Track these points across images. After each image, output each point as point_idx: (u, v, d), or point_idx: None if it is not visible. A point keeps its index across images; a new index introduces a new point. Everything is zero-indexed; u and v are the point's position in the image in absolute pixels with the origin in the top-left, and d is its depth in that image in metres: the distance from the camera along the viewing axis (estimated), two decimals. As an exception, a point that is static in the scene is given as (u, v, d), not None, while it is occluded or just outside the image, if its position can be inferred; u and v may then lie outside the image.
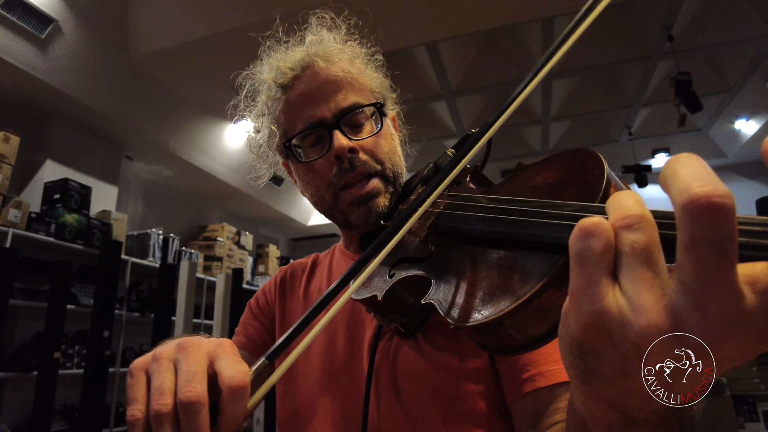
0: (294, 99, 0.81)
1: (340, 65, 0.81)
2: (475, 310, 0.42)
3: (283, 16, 0.89)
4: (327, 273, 0.95)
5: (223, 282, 3.96)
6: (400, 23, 3.88)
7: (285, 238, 8.90)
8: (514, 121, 6.29)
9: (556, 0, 3.71)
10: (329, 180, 0.80)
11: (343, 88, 0.80)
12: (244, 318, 1.01)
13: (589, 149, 0.46)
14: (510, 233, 0.44)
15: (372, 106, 0.83)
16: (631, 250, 0.29)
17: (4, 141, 3.55)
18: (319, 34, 0.85)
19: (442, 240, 0.56)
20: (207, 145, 5.55)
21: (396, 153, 0.86)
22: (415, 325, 0.71)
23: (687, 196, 0.26)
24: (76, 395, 3.77)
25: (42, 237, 3.69)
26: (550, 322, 0.39)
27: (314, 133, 0.80)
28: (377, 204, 0.80)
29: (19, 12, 3.44)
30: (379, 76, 0.88)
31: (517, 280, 0.40)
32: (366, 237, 0.82)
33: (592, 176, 0.42)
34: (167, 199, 6.21)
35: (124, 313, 4.37)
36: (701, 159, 0.29)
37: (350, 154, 0.78)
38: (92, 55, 4.04)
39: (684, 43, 4.71)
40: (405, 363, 0.74)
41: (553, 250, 0.39)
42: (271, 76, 0.83)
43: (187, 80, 4.70)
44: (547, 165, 0.52)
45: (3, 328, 3.04)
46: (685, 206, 0.26)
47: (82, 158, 4.54)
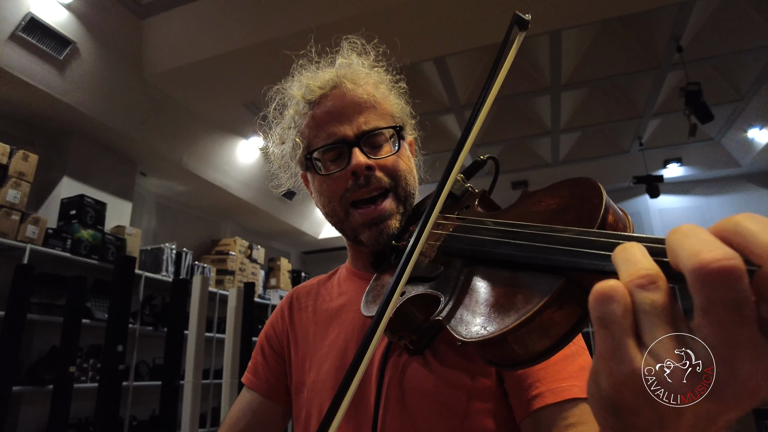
0: (320, 115, 0.85)
1: (366, 89, 0.85)
2: (480, 326, 0.45)
3: (316, 38, 0.94)
4: (336, 292, 0.97)
5: (234, 296, 3.98)
6: (410, 39, 3.93)
7: (296, 252, 8.93)
8: (524, 133, 6.29)
9: (563, 13, 3.75)
10: (342, 193, 0.83)
11: (367, 110, 0.84)
12: (257, 356, 1.02)
13: (590, 179, 0.49)
14: (515, 255, 0.46)
15: (391, 129, 0.86)
16: (652, 308, 0.29)
17: (23, 159, 3.64)
18: (349, 58, 0.90)
19: (451, 260, 0.58)
20: (219, 161, 5.63)
21: (411, 174, 0.88)
22: (424, 342, 0.72)
23: (697, 261, 0.27)
24: (90, 409, 3.80)
25: (58, 252, 3.76)
26: (551, 338, 0.41)
27: (335, 149, 0.84)
28: (389, 226, 0.82)
29: (39, 35, 3.56)
30: (401, 102, 0.92)
31: (521, 299, 0.43)
32: (379, 256, 0.84)
33: (591, 204, 0.46)
34: (180, 214, 6.29)
35: (138, 327, 4.41)
36: (703, 228, 0.29)
37: (367, 171, 0.81)
38: (108, 75, 4.15)
39: (693, 53, 4.71)
40: (413, 379, 0.75)
41: (554, 271, 0.41)
42: (300, 92, 0.87)
43: (200, 98, 4.79)
44: (550, 192, 0.55)
45: (20, 343, 3.09)
46: (696, 272, 0.27)
47: (98, 175, 4.63)
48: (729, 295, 0.26)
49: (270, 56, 4.05)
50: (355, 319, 0.88)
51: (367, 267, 0.91)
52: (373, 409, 0.76)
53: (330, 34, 0.95)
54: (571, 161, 7.08)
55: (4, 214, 3.45)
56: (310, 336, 0.94)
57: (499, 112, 5.93)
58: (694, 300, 0.27)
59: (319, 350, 0.91)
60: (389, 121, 0.87)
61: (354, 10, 3.62)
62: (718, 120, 5.86)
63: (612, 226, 0.45)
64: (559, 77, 5.06)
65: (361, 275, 0.95)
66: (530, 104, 5.79)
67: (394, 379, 0.77)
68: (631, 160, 6.97)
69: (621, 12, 3.83)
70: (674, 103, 5.42)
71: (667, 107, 5.72)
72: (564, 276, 0.40)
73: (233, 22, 3.97)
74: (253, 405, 0.97)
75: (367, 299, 0.74)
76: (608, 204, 0.45)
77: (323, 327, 0.93)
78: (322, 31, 4.26)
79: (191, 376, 3.26)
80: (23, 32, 3.46)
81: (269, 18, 3.85)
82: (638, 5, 3.71)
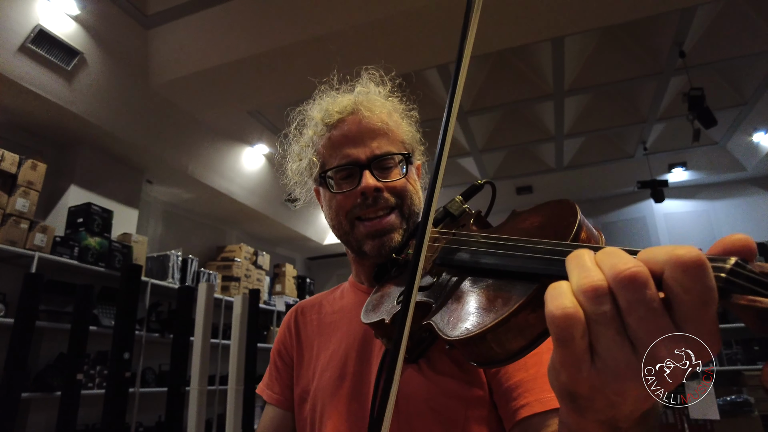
0: (336, 138, 0.92)
1: (381, 116, 0.92)
2: (464, 327, 0.49)
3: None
4: (339, 305, 1.02)
5: (240, 303, 4.01)
6: (412, 47, 3.97)
7: (301, 258, 8.96)
8: (528, 139, 6.30)
9: (565, 21, 3.77)
10: (350, 208, 0.89)
11: (380, 136, 0.91)
12: (272, 371, 1.08)
13: (569, 201, 0.55)
14: (497, 264, 0.52)
15: (401, 156, 0.92)
16: (603, 319, 0.35)
17: (32, 168, 3.69)
18: (367, 87, 0.98)
19: (444, 271, 0.64)
20: (225, 168, 5.68)
21: (417, 195, 0.94)
22: (419, 350, 0.77)
23: (616, 271, 0.34)
24: (97, 415, 3.83)
25: (66, 260, 3.81)
26: (526, 338, 0.46)
27: (348, 169, 0.90)
28: (392, 238, 0.88)
29: (47, 46, 3.62)
30: (412, 130, 0.99)
31: (500, 302, 0.48)
32: (381, 268, 0.88)
33: (567, 221, 0.51)
34: (186, 221, 6.34)
35: (144, 334, 4.45)
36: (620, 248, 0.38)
37: (375, 193, 0.87)
38: (115, 85, 4.21)
39: (696, 58, 4.71)
40: (409, 386, 0.80)
41: (530, 278, 0.46)
42: (320, 115, 0.94)
43: (205, 106, 4.85)
44: (535, 212, 0.61)
45: (29, 350, 3.12)
46: (615, 279, 0.34)
47: (105, 183, 4.68)
48: (642, 295, 0.33)
49: (274, 65, 4.10)
50: (355, 329, 0.93)
51: (369, 280, 0.96)
52: (368, 413, 0.81)
53: (334, 43, 1.02)
54: (575, 166, 7.07)
55: (13, 223, 3.50)
56: (315, 347, 0.99)
57: (503, 118, 5.95)
58: (619, 305, 0.34)
59: (321, 360, 0.95)
60: (400, 147, 0.94)
61: (357, 19, 3.65)
62: (723, 124, 5.84)
63: (584, 242, 0.49)
64: (562, 83, 5.07)
65: (363, 288, 0.99)
66: (534, 110, 5.80)
67: None
68: (636, 165, 6.95)
69: (623, 19, 3.85)
70: (678, 107, 5.41)
71: (672, 112, 5.71)
72: (538, 282, 0.45)
73: (238, 31, 4.02)
74: (275, 419, 1.03)
75: (367, 308, 0.78)
76: (582, 222, 0.50)
77: (326, 338, 0.98)
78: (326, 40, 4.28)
79: (197, 382, 3.28)
80: (32, 44, 3.52)
81: (273, 27, 3.90)
82: (640, 12, 3.73)
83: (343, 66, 1.02)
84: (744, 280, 0.33)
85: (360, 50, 3.90)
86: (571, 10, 3.65)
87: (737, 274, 0.33)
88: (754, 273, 0.33)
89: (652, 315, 0.33)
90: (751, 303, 0.32)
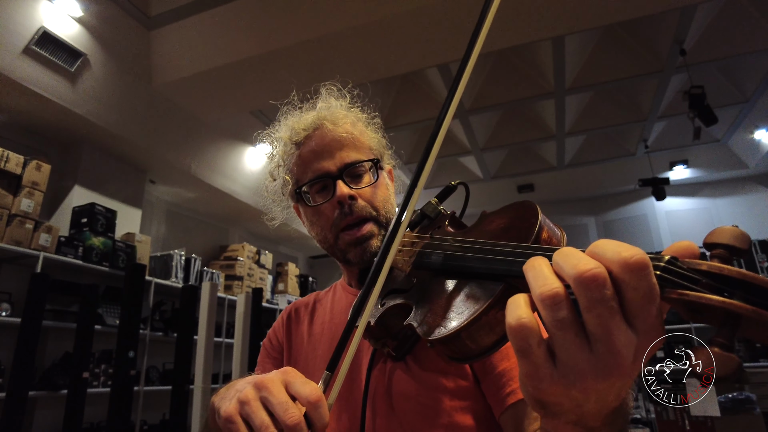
0: (305, 154, 0.95)
1: (345, 127, 0.96)
2: (441, 326, 0.53)
3: (298, 86, 1.07)
4: (330, 308, 1.06)
5: (243, 302, 4.03)
6: (413, 46, 3.98)
7: (304, 256, 8.99)
8: (530, 137, 6.31)
9: (566, 20, 3.78)
10: (332, 221, 0.93)
11: (347, 146, 0.95)
12: (261, 358, 1.11)
13: (531, 202, 0.58)
14: (466, 266, 0.56)
15: (370, 162, 0.96)
16: (559, 324, 0.37)
17: (36, 169, 3.72)
18: (328, 102, 1.01)
19: (422, 273, 0.67)
20: (227, 168, 5.70)
21: (389, 201, 0.98)
22: (405, 348, 0.81)
23: (577, 271, 0.36)
24: (102, 413, 3.86)
25: (70, 260, 3.84)
26: (497, 334, 0.49)
27: (321, 182, 0.94)
28: (371, 245, 0.92)
29: (51, 48, 3.65)
30: (377, 136, 1.03)
31: (471, 302, 0.51)
32: (364, 272, 0.93)
33: (528, 223, 0.54)
34: (189, 220, 6.37)
35: (148, 333, 4.48)
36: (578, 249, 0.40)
37: (350, 201, 0.91)
38: (118, 86, 4.24)
39: (696, 56, 4.71)
40: (397, 383, 0.83)
41: (496, 278, 0.50)
42: (287, 135, 0.98)
43: (207, 106, 4.87)
44: (500, 213, 0.65)
45: (35, 349, 3.15)
46: (577, 279, 0.36)
47: (108, 183, 4.71)
48: (602, 294, 0.35)
49: (276, 65, 4.12)
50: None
51: (357, 284, 1.00)
52: (360, 412, 0.83)
53: (335, 44, 1.04)
54: (576, 164, 7.08)
55: (18, 223, 3.53)
56: (303, 348, 1.03)
57: (504, 116, 5.96)
58: (579, 302, 0.37)
59: (311, 361, 0.99)
60: (368, 154, 0.98)
61: (358, 19, 3.67)
62: (724, 122, 5.85)
63: (546, 241, 0.53)
64: (563, 82, 5.08)
65: (352, 291, 1.04)
66: (535, 108, 5.82)
67: (380, 384, 0.85)
68: (637, 163, 6.96)
69: (623, 18, 3.85)
70: (679, 105, 5.42)
71: (673, 110, 5.72)
72: (503, 282, 0.48)
73: (239, 32, 4.04)
74: None
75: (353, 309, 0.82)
76: (543, 222, 0.54)
77: (316, 339, 1.01)
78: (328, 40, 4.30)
79: (201, 380, 3.31)
80: (36, 45, 3.55)
81: (275, 28, 3.92)
82: (641, 10, 3.73)
83: (344, 66, 1.05)
84: (674, 276, 0.37)
85: (362, 50, 3.92)
86: (571, 9, 3.66)
87: (669, 270, 0.37)
88: (682, 269, 0.37)
89: (608, 312, 0.36)
90: (681, 296, 0.36)
